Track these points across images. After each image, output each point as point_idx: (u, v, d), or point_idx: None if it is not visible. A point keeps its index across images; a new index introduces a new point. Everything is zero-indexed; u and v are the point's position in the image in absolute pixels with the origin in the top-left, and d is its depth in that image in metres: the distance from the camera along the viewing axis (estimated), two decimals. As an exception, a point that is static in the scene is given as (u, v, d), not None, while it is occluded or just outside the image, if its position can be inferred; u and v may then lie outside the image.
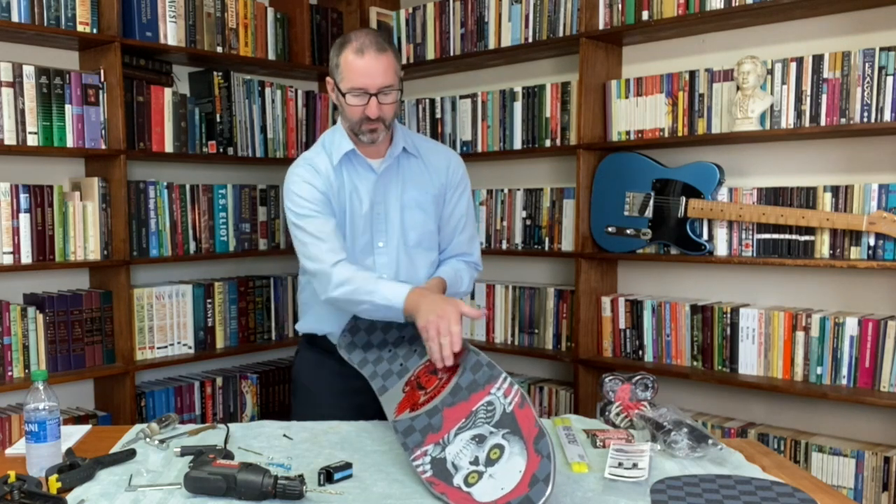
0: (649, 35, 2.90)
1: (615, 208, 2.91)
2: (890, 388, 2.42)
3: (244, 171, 3.48)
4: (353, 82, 1.83)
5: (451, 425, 1.48)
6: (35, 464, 1.55)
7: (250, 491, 1.38)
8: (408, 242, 1.98)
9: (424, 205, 1.99)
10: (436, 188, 2.00)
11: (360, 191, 1.94)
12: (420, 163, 2.00)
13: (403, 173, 1.98)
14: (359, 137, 1.90)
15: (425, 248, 2.01)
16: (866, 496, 2.41)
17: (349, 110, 1.86)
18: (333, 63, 1.87)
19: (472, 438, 1.43)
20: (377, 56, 1.82)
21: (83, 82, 2.78)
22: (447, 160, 2.04)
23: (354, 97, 1.83)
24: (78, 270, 3.01)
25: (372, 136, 1.89)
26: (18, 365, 2.69)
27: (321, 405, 2.00)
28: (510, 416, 1.42)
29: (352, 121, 1.88)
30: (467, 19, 3.30)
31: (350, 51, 1.83)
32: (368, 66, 1.81)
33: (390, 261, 1.97)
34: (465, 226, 2.08)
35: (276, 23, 3.39)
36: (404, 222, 1.97)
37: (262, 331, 3.39)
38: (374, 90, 1.83)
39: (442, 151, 2.06)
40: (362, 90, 1.83)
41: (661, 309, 2.86)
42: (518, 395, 1.44)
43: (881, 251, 2.44)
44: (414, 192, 1.98)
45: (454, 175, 2.04)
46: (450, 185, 2.03)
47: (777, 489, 1.44)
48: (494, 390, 1.48)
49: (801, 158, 2.68)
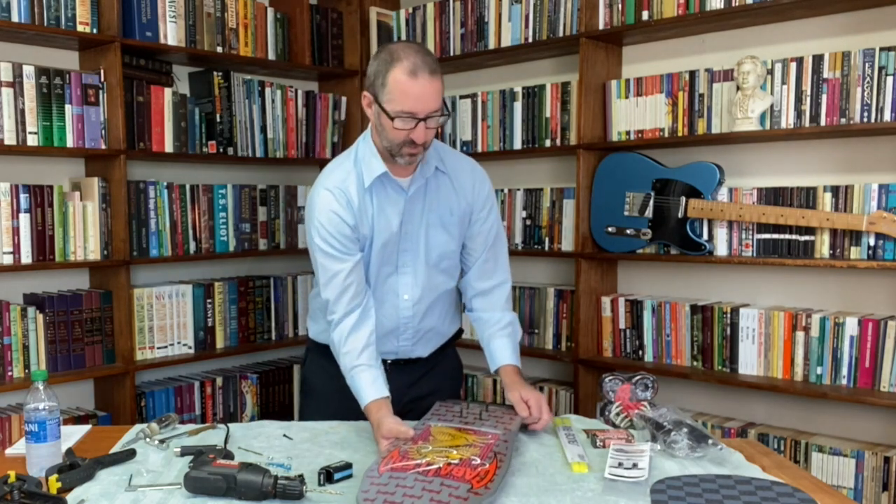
0: (649, 35, 2.90)
1: (615, 208, 2.91)
2: (890, 388, 2.42)
3: (244, 171, 3.48)
4: (402, 105, 1.71)
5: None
6: (35, 464, 1.55)
7: (250, 491, 1.38)
8: (429, 262, 1.94)
9: (449, 225, 1.94)
10: (461, 208, 1.95)
11: (388, 212, 1.87)
12: (447, 180, 1.93)
13: (431, 192, 1.92)
14: (395, 159, 1.81)
15: (444, 269, 1.97)
16: (866, 496, 2.41)
17: (393, 133, 1.75)
18: (378, 80, 1.74)
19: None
20: (430, 80, 1.71)
21: (83, 82, 2.78)
22: (472, 179, 1.97)
23: (402, 121, 1.72)
24: (78, 270, 3.01)
25: (411, 160, 1.80)
26: (18, 365, 2.69)
27: (331, 409, 1.98)
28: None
29: (392, 143, 1.77)
30: (467, 19, 3.30)
31: (401, 70, 1.70)
32: (422, 91, 1.70)
33: (413, 280, 1.94)
34: (485, 241, 2.00)
35: (276, 23, 3.39)
36: (428, 241, 1.92)
37: (262, 331, 3.39)
38: (423, 115, 1.72)
39: (468, 169, 1.99)
40: (411, 115, 1.71)
41: (661, 309, 2.86)
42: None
43: (881, 251, 2.43)
44: (440, 210, 1.92)
45: (479, 194, 1.98)
46: (476, 205, 1.97)
47: (777, 489, 1.44)
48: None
49: (801, 158, 2.68)
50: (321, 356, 2.04)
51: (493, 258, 2.02)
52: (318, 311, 2.03)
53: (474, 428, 1.68)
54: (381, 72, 1.73)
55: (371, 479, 1.40)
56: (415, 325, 1.97)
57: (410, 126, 1.72)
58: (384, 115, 1.74)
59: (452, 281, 2.02)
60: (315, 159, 3.54)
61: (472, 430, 1.67)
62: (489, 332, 2.01)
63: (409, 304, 1.95)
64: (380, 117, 1.76)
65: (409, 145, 1.76)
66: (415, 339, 2.00)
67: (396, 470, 1.42)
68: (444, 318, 2.04)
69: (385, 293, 1.94)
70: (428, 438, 1.61)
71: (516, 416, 1.78)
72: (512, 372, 1.94)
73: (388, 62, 1.72)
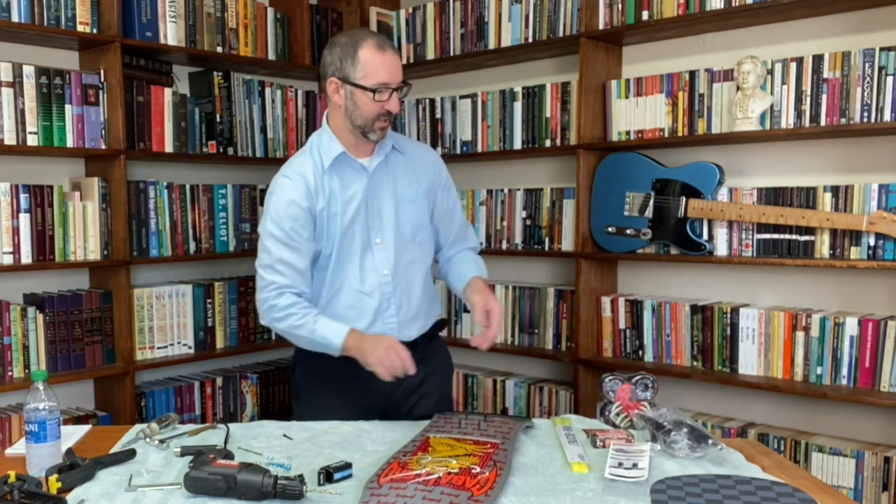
0: (649, 35, 2.90)
1: (615, 208, 2.91)
2: (890, 388, 2.42)
3: (244, 171, 3.48)
4: (377, 77, 1.86)
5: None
6: (35, 464, 1.55)
7: (250, 491, 1.38)
8: (404, 236, 2.02)
9: (416, 199, 2.04)
10: (425, 183, 2.06)
11: (352, 189, 1.96)
12: (407, 159, 2.05)
13: (394, 170, 2.02)
14: (367, 136, 1.92)
15: (420, 241, 2.06)
16: (866, 496, 2.41)
17: (368, 107, 1.88)
18: (345, 62, 1.88)
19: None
20: (394, 53, 1.90)
21: (83, 82, 2.78)
22: (431, 157, 2.12)
23: (380, 93, 1.86)
24: (78, 270, 3.01)
25: (382, 133, 1.93)
26: (18, 365, 2.69)
27: (325, 410, 1.98)
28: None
29: (367, 117, 1.90)
30: (467, 19, 3.30)
31: (369, 48, 1.86)
32: (392, 63, 1.87)
33: (388, 255, 2.00)
34: (455, 216, 2.17)
35: (276, 23, 3.39)
36: (399, 216, 2.01)
37: (262, 331, 3.39)
38: (395, 85, 1.88)
39: (424, 148, 2.15)
40: (386, 85, 1.86)
41: (661, 309, 2.86)
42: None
43: (881, 251, 2.43)
44: (405, 187, 2.03)
45: (440, 173, 2.12)
46: (438, 182, 2.10)
47: (777, 489, 1.44)
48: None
49: (801, 158, 2.68)
50: (310, 361, 2.06)
51: (459, 231, 2.17)
52: None
53: (473, 437, 1.69)
54: (348, 54, 1.87)
55: (372, 490, 1.41)
56: (397, 300, 2.01)
57: (386, 97, 1.87)
58: (360, 91, 1.87)
59: (429, 256, 2.11)
60: (315, 159, 3.53)
61: (472, 440, 1.67)
62: (454, 264, 2.15)
63: (389, 279, 2.00)
64: (353, 96, 1.88)
65: (383, 117, 1.90)
66: (398, 316, 2.03)
67: (396, 481, 1.43)
68: (424, 295, 2.09)
69: (365, 272, 1.99)
70: (427, 449, 1.61)
71: (515, 425, 1.79)
72: (478, 280, 2.06)
73: (352, 45, 1.88)
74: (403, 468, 1.49)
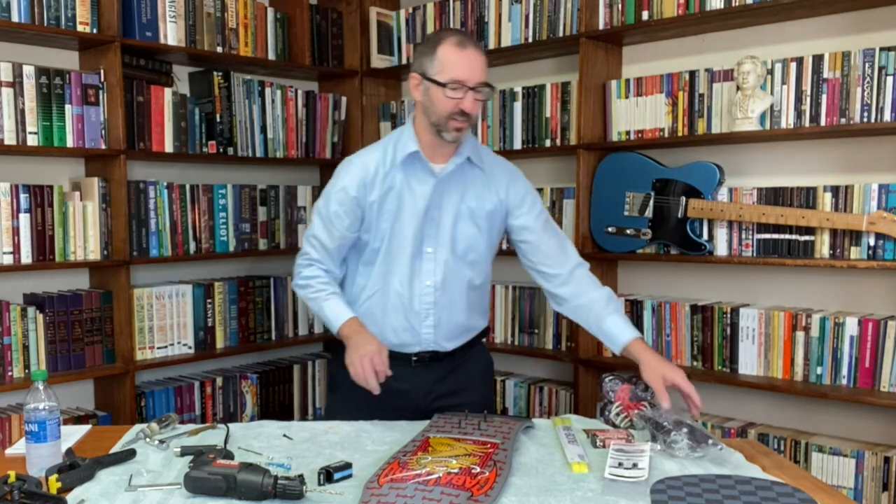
0: (649, 35, 2.90)
1: (615, 208, 2.91)
2: (890, 388, 2.42)
3: (244, 171, 3.48)
4: (453, 73, 1.82)
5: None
6: (35, 464, 1.55)
7: (250, 491, 1.38)
8: (456, 252, 1.97)
9: (478, 218, 1.98)
10: (493, 203, 1.99)
11: (416, 193, 1.93)
12: (482, 175, 1.99)
13: (464, 182, 1.96)
14: (441, 135, 1.88)
15: (471, 261, 2.01)
16: (866, 496, 2.41)
17: (443, 103, 1.85)
18: (425, 57, 1.86)
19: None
20: (477, 52, 1.85)
21: (83, 82, 2.78)
22: (507, 175, 2.03)
23: (453, 89, 1.82)
24: (78, 270, 3.01)
25: (456, 135, 1.88)
26: (18, 365, 2.69)
27: (358, 402, 1.96)
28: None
29: (441, 115, 1.86)
30: (467, 19, 3.30)
31: (450, 44, 1.84)
32: (470, 61, 1.83)
33: (436, 267, 1.97)
34: (549, 232, 2.04)
35: (276, 23, 3.39)
36: (455, 231, 1.96)
37: (262, 331, 3.39)
38: (472, 84, 1.83)
39: (503, 166, 2.05)
40: (461, 83, 1.82)
41: (661, 309, 2.86)
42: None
43: (881, 251, 2.43)
44: (472, 202, 1.97)
45: (515, 193, 2.02)
46: (510, 203, 2.02)
47: (777, 489, 1.44)
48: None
49: (801, 158, 2.68)
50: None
51: (557, 245, 2.04)
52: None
53: (473, 437, 1.69)
54: (429, 50, 1.86)
55: (371, 490, 1.41)
56: (436, 313, 1.98)
57: (460, 95, 1.82)
58: (434, 86, 1.84)
59: (479, 278, 2.04)
60: (315, 159, 3.54)
61: (472, 440, 1.67)
62: (594, 315, 2.00)
63: (431, 290, 1.97)
64: (429, 91, 1.86)
65: (457, 117, 1.85)
66: (436, 328, 2.00)
67: (396, 481, 1.43)
68: (469, 313, 2.04)
69: (411, 278, 1.96)
70: (427, 449, 1.61)
71: (515, 425, 1.79)
72: (640, 346, 1.93)
73: (434, 41, 1.86)
74: (403, 468, 1.49)
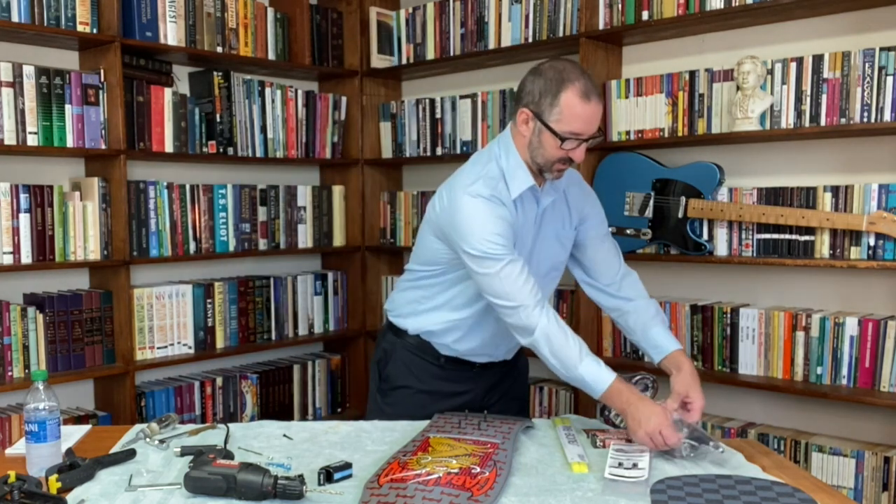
0: (649, 35, 2.90)
1: (615, 208, 2.91)
2: (890, 388, 2.42)
3: (244, 171, 3.48)
4: (572, 126, 1.75)
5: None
6: (35, 464, 1.55)
7: (250, 491, 1.38)
8: (539, 273, 1.93)
9: (563, 238, 1.98)
10: (574, 220, 2.00)
11: (527, 224, 1.89)
12: (563, 196, 1.97)
13: (554, 208, 1.95)
14: (543, 174, 1.84)
15: (551, 279, 2.03)
16: (866, 496, 2.41)
17: (553, 152, 1.78)
18: (545, 98, 1.76)
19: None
20: (598, 103, 1.77)
21: (83, 82, 2.78)
22: (580, 189, 2.02)
23: (570, 142, 1.76)
24: (78, 270, 3.01)
25: (559, 175, 1.85)
26: (18, 365, 2.69)
27: (416, 405, 1.96)
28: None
29: (548, 160, 1.80)
30: (467, 19, 3.30)
31: (574, 92, 1.73)
32: (592, 114, 1.76)
33: None
34: (607, 236, 2.06)
35: (276, 23, 3.39)
36: (540, 253, 1.94)
37: (262, 331, 3.39)
38: (587, 136, 1.77)
39: (576, 181, 2.02)
40: (578, 136, 1.76)
41: (661, 309, 2.86)
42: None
43: (881, 251, 2.43)
44: (556, 224, 1.95)
45: (588, 200, 2.02)
46: (585, 210, 2.01)
47: (777, 489, 1.44)
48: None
49: (801, 158, 2.68)
50: (411, 353, 2.02)
51: (612, 250, 2.07)
52: (418, 305, 2.01)
53: (473, 437, 1.69)
54: (551, 91, 1.75)
55: (371, 490, 1.41)
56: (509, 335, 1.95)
57: (573, 146, 1.77)
58: (549, 133, 1.76)
59: (550, 288, 2.06)
60: (315, 159, 3.54)
61: (471, 440, 1.67)
62: (641, 322, 2.03)
63: None
64: (541, 135, 1.78)
65: (563, 162, 1.80)
66: (516, 347, 2.06)
67: (396, 481, 1.43)
68: None
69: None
70: (427, 449, 1.61)
71: (515, 425, 1.79)
72: (682, 357, 1.94)
73: (558, 82, 1.74)
74: (403, 468, 1.49)
